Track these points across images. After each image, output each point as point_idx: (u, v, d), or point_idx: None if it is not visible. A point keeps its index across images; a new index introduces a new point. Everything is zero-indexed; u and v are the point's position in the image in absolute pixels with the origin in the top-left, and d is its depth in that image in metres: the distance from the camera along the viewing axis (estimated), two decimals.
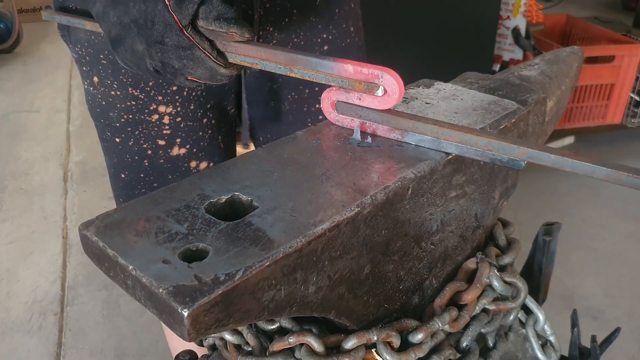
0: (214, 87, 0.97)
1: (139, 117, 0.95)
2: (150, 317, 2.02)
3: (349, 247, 0.53)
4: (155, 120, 0.96)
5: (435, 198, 0.62)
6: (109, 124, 0.97)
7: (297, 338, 0.58)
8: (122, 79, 0.93)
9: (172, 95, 0.94)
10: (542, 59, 0.91)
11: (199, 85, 0.82)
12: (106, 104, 0.96)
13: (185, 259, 0.46)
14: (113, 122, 0.97)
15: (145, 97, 0.94)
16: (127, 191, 1.03)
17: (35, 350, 1.98)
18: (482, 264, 0.70)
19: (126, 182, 1.02)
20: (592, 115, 3.00)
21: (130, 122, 0.96)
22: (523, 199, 2.66)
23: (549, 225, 0.84)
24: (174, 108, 0.95)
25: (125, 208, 0.53)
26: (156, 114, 0.95)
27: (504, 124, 0.69)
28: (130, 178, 1.01)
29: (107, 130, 0.99)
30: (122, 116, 0.95)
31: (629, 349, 1.97)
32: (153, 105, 0.95)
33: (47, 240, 2.51)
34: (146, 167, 0.99)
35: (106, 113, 0.97)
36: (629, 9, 5.08)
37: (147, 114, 0.95)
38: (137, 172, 1.00)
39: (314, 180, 0.56)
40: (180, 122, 0.97)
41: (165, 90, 0.94)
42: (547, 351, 0.79)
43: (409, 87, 0.79)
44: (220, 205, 0.53)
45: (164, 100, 0.95)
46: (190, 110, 0.97)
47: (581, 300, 2.18)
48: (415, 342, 0.62)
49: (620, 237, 2.53)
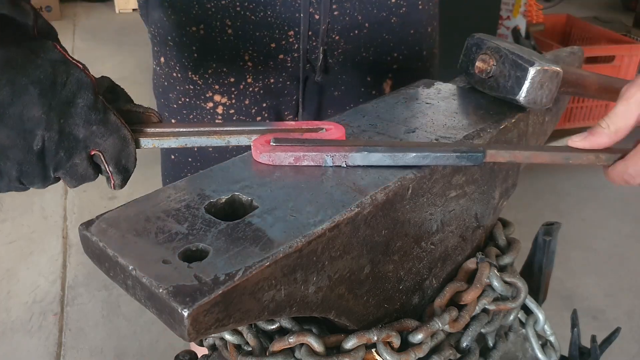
0: (272, 87, 0.98)
1: (195, 102, 0.98)
2: (150, 317, 2.01)
3: (349, 247, 0.53)
4: (209, 108, 0.98)
5: (435, 198, 0.62)
6: (168, 104, 1.01)
7: (297, 338, 0.58)
8: (184, 62, 0.96)
9: (229, 86, 0.97)
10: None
11: (25, 188, 0.58)
12: (168, 85, 1.00)
13: (185, 259, 0.46)
14: (171, 103, 1.00)
15: (203, 84, 0.97)
16: (174, 172, 1.06)
17: (35, 350, 1.98)
18: (482, 264, 0.70)
19: (175, 163, 1.05)
20: (592, 115, 3.00)
21: (186, 105, 0.99)
22: (523, 199, 2.66)
23: (548, 225, 0.84)
24: (229, 99, 0.98)
25: (125, 208, 0.53)
26: (211, 102, 0.98)
27: (504, 124, 0.69)
28: (179, 160, 1.04)
29: (165, 110, 1.02)
30: (180, 98, 0.99)
31: (629, 349, 1.98)
32: (209, 93, 0.97)
33: (47, 240, 2.51)
34: (195, 152, 1.02)
35: (167, 94, 1.01)
36: (629, 9, 5.09)
37: (202, 101, 0.98)
38: (186, 155, 1.03)
39: (314, 180, 0.56)
40: (233, 114, 0.99)
41: (223, 81, 0.96)
42: (547, 351, 0.79)
43: (409, 87, 0.79)
44: (220, 205, 0.53)
45: (220, 90, 0.97)
46: (245, 105, 0.99)
47: (581, 300, 2.18)
48: (415, 342, 0.62)
49: (620, 237, 2.53)
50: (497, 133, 0.68)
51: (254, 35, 0.93)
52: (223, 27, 0.93)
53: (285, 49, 0.94)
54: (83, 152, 0.56)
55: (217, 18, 0.92)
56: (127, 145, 0.58)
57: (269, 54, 0.95)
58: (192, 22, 0.93)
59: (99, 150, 0.57)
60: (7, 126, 0.51)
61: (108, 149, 0.57)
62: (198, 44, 0.95)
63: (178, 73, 0.97)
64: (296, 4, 0.90)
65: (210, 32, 0.93)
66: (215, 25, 0.92)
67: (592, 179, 2.89)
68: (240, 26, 0.92)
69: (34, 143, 0.53)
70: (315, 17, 0.91)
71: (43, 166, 0.54)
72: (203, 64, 0.95)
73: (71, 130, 0.54)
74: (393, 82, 1.03)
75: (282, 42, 0.94)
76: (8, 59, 0.51)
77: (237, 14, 0.91)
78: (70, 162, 0.56)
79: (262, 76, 0.97)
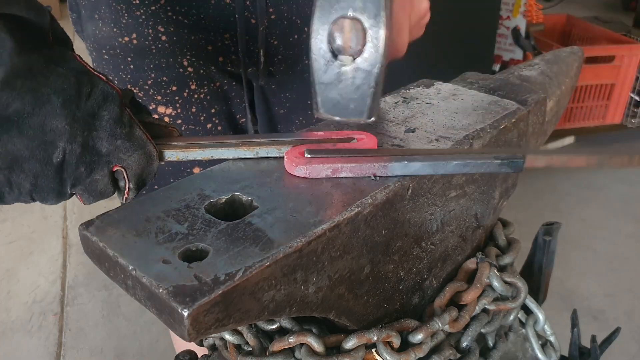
0: (219, 90, 0.96)
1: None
2: (150, 317, 2.01)
3: (349, 247, 0.53)
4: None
5: (435, 198, 0.62)
6: None
7: (297, 338, 0.58)
8: (121, 74, 0.92)
9: (172, 95, 0.93)
10: (542, 59, 0.91)
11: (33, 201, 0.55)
12: None
13: (185, 259, 0.46)
14: None
15: (144, 96, 0.93)
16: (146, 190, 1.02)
17: (35, 350, 1.98)
18: (482, 264, 0.70)
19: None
20: (592, 115, 3.00)
21: None
22: (523, 199, 2.66)
23: (548, 225, 0.84)
24: (174, 109, 0.94)
25: (125, 208, 0.53)
26: (155, 114, 0.94)
27: (504, 124, 0.69)
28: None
29: None
30: None
31: (629, 349, 1.97)
32: (152, 105, 0.94)
33: (47, 240, 2.51)
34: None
35: None
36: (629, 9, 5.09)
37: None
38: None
39: (314, 180, 0.56)
40: (181, 124, 0.95)
41: (165, 90, 0.93)
42: (547, 351, 0.79)
43: (409, 87, 0.79)
44: (220, 205, 0.53)
45: (163, 101, 0.93)
46: (192, 112, 0.95)
47: (581, 300, 2.18)
48: (415, 342, 0.62)
49: (620, 237, 2.53)
50: (497, 133, 0.68)
51: (190, 39, 0.90)
52: (156, 34, 0.89)
53: (223, 51, 0.92)
54: (105, 168, 0.53)
55: (148, 25, 0.88)
56: (151, 162, 0.55)
57: (208, 57, 0.92)
58: (124, 32, 0.90)
59: (121, 166, 0.53)
60: (26, 136, 0.48)
61: (132, 165, 0.54)
62: (133, 55, 0.91)
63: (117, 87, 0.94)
64: (230, 6, 0.87)
65: (144, 40, 0.90)
66: (148, 33, 0.89)
67: (592, 179, 2.90)
68: (174, 31, 0.89)
69: (54, 155, 0.49)
70: (252, 22, 0.89)
71: (60, 180, 0.51)
72: (141, 75, 0.91)
73: (94, 144, 0.51)
74: None
75: (219, 43, 0.91)
76: (29, 66, 0.48)
77: (169, 18, 0.88)
78: (90, 178, 0.52)
79: (207, 81, 0.94)
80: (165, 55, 0.91)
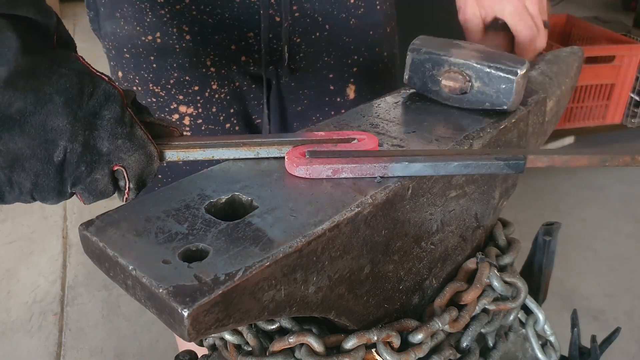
0: (238, 91, 0.96)
1: (159, 116, 0.93)
2: (150, 317, 2.01)
3: (349, 247, 0.53)
4: (175, 120, 0.94)
5: (435, 198, 0.62)
6: None
7: (297, 338, 0.58)
8: (143, 74, 0.92)
9: (193, 95, 0.93)
10: (542, 59, 0.91)
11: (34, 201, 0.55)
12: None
13: (185, 259, 0.46)
14: None
15: (166, 95, 0.93)
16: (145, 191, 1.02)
17: (35, 350, 1.98)
18: (482, 264, 0.70)
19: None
20: (592, 115, 3.00)
21: None
22: (523, 199, 2.66)
23: (548, 225, 0.84)
24: (195, 109, 0.94)
25: (125, 208, 0.53)
26: (176, 113, 0.94)
27: (504, 124, 0.69)
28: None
29: None
30: None
31: (629, 349, 1.98)
32: (174, 104, 0.94)
33: (47, 240, 2.51)
34: (165, 167, 0.97)
35: None
36: (629, 9, 5.09)
37: (167, 113, 0.94)
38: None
39: (314, 180, 0.56)
40: (202, 124, 0.95)
41: (187, 90, 0.92)
42: (547, 351, 0.79)
43: (410, 87, 0.79)
44: (220, 205, 0.53)
45: (184, 100, 0.93)
46: (212, 113, 0.95)
47: (581, 300, 2.18)
48: (415, 342, 0.62)
49: (620, 237, 2.53)
50: (497, 133, 0.68)
51: (213, 39, 0.90)
52: (181, 33, 0.89)
53: (246, 51, 0.92)
54: (105, 168, 0.53)
55: (173, 24, 0.88)
56: (152, 162, 0.55)
57: (230, 56, 0.92)
58: (147, 30, 0.89)
59: (122, 166, 0.54)
60: (28, 135, 0.48)
61: (132, 165, 0.54)
62: (156, 54, 0.91)
63: (138, 86, 0.93)
64: (255, 5, 0.88)
65: (168, 39, 0.89)
66: (172, 32, 0.89)
67: (592, 179, 2.90)
68: (199, 31, 0.89)
69: (55, 154, 0.50)
70: (276, 20, 0.89)
71: (61, 179, 0.51)
72: (164, 74, 0.91)
73: (95, 144, 0.51)
74: (356, 86, 1.01)
75: (242, 42, 0.91)
76: (33, 67, 0.48)
77: (194, 18, 0.88)
78: (90, 177, 0.52)
79: (227, 80, 0.94)
80: (188, 55, 0.91)
